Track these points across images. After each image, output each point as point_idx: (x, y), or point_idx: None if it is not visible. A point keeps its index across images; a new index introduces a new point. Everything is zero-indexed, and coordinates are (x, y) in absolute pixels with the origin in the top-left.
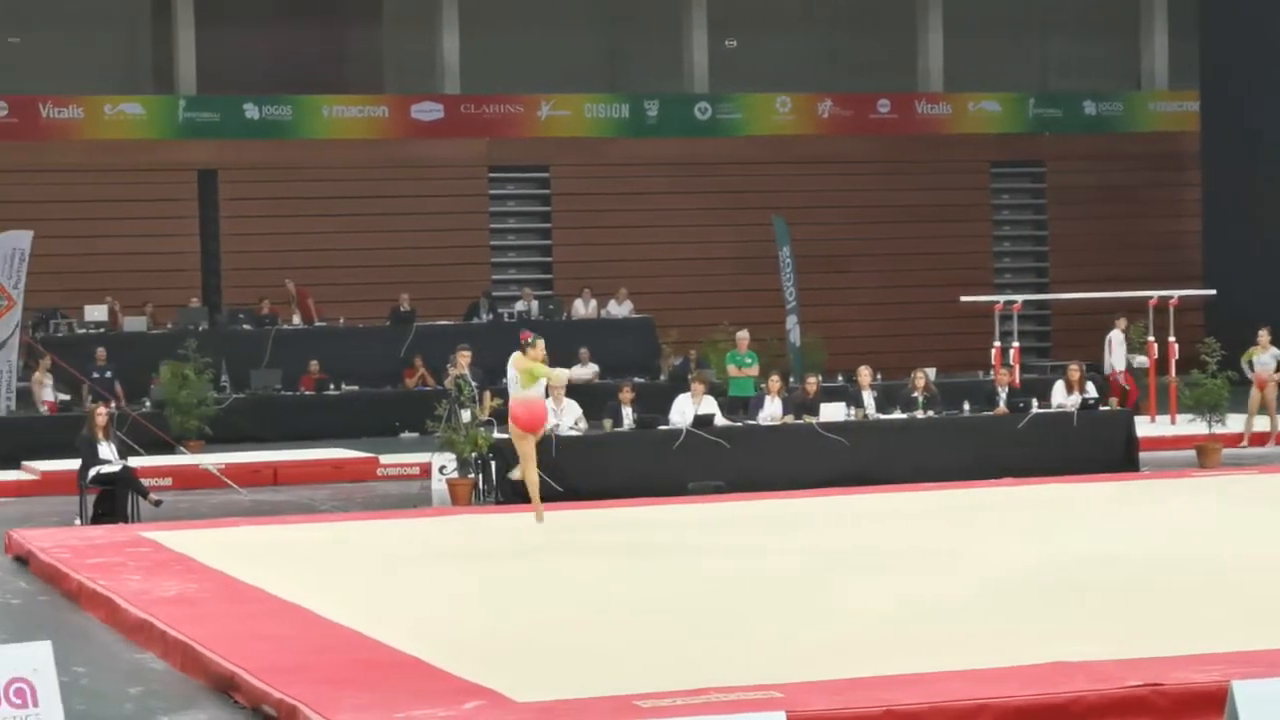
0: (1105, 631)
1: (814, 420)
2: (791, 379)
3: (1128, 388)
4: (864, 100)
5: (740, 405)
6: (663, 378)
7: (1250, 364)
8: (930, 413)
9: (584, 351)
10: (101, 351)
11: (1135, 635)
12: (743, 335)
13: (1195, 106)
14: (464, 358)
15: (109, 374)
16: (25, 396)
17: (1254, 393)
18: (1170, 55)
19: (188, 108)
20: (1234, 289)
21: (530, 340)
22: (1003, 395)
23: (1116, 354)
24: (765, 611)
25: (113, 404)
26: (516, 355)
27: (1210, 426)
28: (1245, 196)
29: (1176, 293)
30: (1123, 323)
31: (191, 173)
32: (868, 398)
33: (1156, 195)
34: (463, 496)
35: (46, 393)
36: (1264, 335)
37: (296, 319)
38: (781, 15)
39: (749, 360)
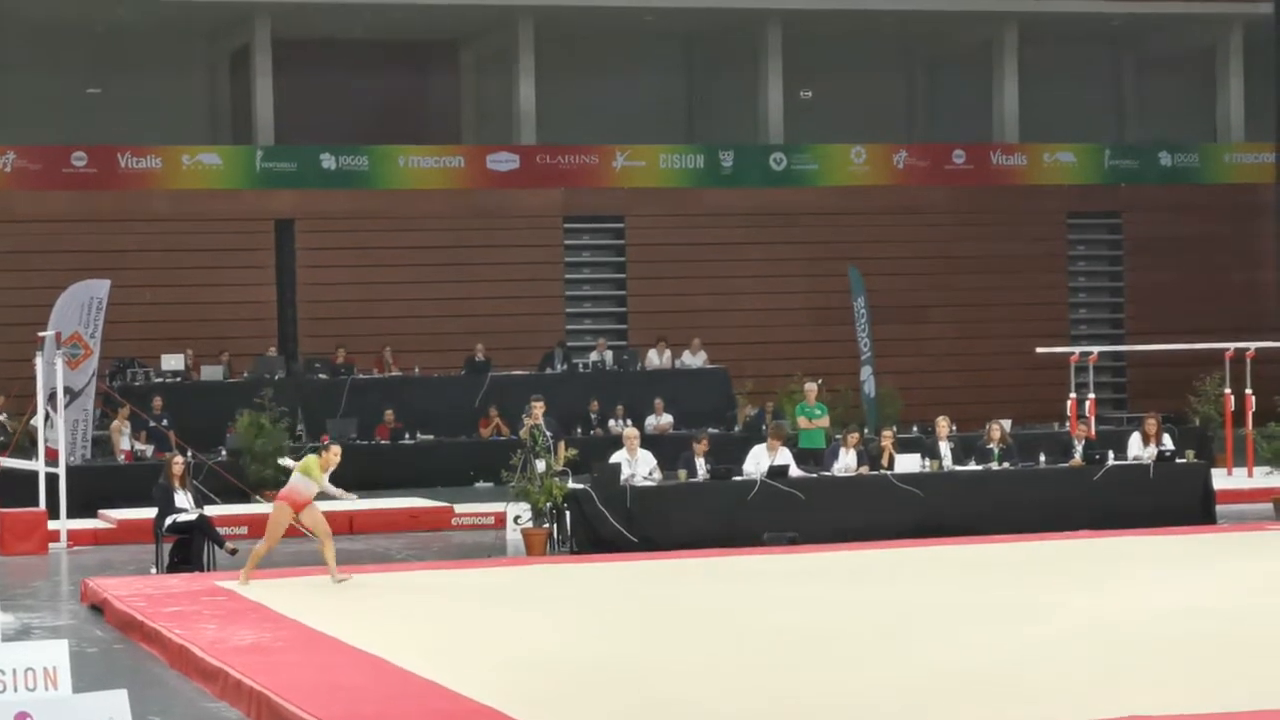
0: (1184, 684)
1: (888, 471)
2: (866, 429)
3: None
4: (939, 151)
5: (811, 457)
6: (738, 428)
7: None
8: (1006, 464)
9: (658, 402)
10: (159, 400)
11: (1214, 689)
12: (811, 387)
13: (1272, 158)
14: (538, 408)
15: (165, 422)
16: (102, 444)
17: None
18: (1246, 106)
19: (265, 158)
20: None
21: (327, 444)
22: (1079, 447)
23: None
24: (841, 664)
25: (190, 454)
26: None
27: None
28: None
29: (1253, 344)
30: None
31: (269, 222)
32: (945, 448)
33: (1233, 246)
34: (537, 546)
35: (124, 441)
36: None
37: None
38: (856, 66)
39: (818, 412)
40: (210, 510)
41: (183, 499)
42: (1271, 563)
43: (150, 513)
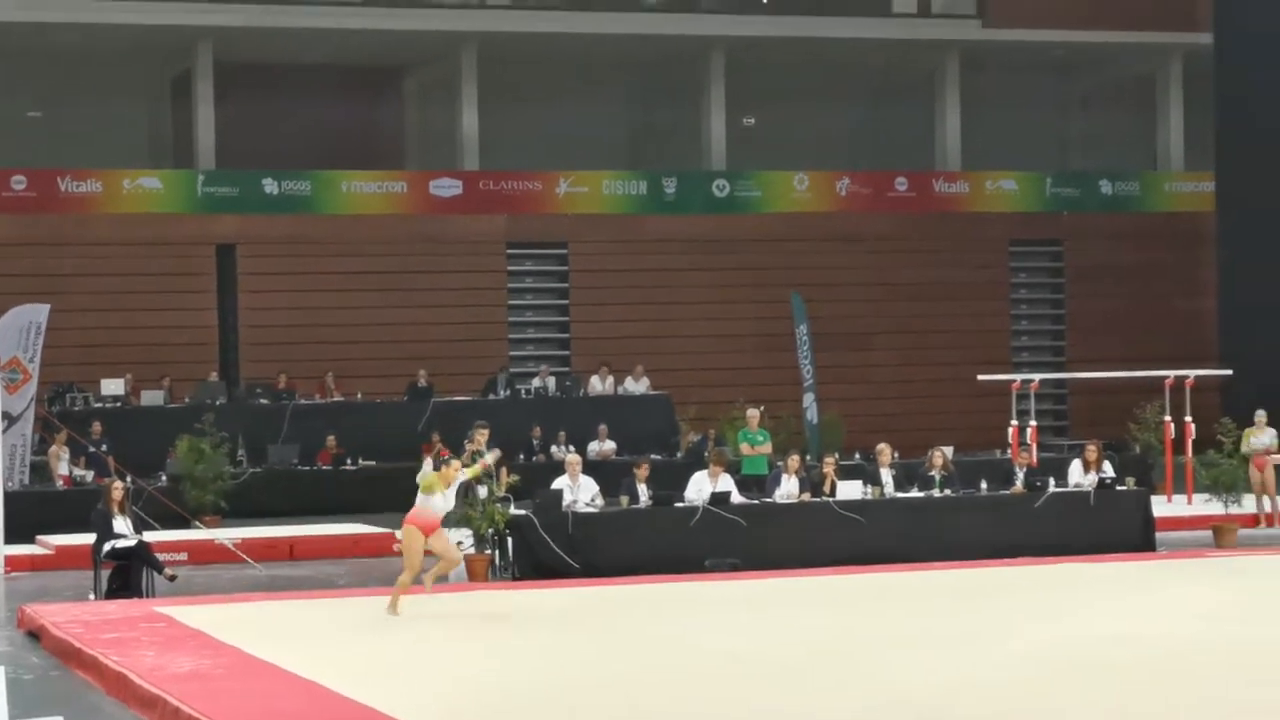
0: (1124, 712)
1: (830, 498)
2: (808, 457)
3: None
4: (882, 178)
5: (753, 483)
6: (680, 455)
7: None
8: (947, 491)
9: (601, 428)
10: (98, 425)
11: (1154, 717)
12: (753, 413)
13: (1211, 187)
14: (482, 434)
15: (104, 447)
16: (40, 470)
17: (1253, 473)
18: (1186, 136)
19: (206, 182)
20: (1250, 369)
21: (447, 458)
22: (1020, 474)
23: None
24: (781, 691)
25: (129, 479)
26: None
27: (1227, 507)
28: (1261, 276)
29: (1193, 372)
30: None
31: (210, 247)
32: (886, 475)
33: (1173, 275)
34: (479, 572)
35: (63, 467)
36: (1260, 416)
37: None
38: (799, 93)
39: (760, 438)
40: (149, 536)
41: (122, 525)
42: (1211, 589)
43: (89, 539)
